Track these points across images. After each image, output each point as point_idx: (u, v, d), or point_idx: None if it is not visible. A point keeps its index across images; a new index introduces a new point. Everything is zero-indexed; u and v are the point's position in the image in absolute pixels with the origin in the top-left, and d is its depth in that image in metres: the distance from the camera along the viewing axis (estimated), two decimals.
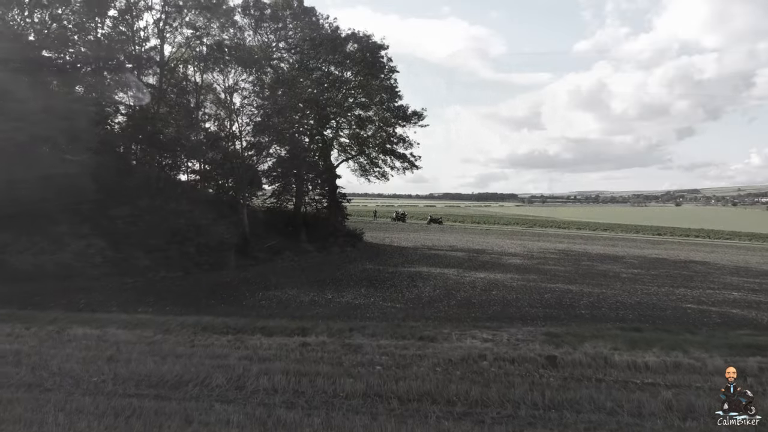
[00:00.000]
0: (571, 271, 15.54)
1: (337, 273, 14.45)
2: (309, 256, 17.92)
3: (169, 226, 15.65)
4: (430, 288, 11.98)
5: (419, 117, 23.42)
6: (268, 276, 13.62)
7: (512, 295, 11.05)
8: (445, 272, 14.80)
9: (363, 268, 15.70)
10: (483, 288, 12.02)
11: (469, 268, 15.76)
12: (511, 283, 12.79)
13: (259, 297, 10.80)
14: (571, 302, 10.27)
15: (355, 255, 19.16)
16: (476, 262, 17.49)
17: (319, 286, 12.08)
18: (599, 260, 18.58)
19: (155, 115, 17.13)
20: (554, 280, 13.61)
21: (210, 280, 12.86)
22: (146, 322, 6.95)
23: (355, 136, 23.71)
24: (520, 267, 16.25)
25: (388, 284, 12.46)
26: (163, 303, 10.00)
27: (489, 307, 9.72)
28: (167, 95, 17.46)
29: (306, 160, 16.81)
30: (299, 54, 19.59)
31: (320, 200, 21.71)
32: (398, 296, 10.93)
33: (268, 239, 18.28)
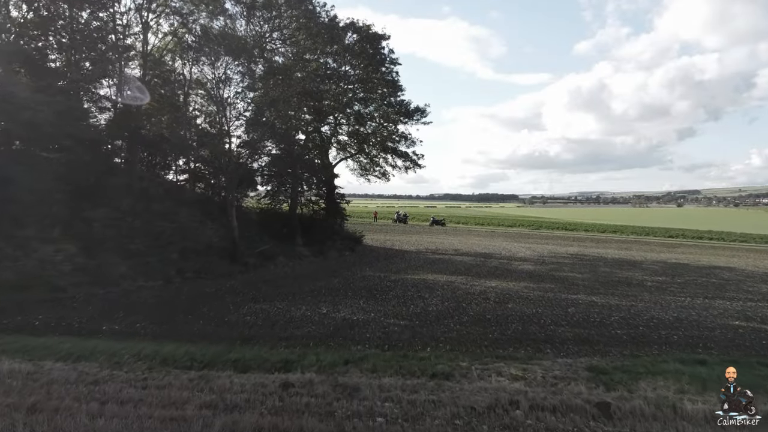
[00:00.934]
0: (589, 278, 14.24)
1: (333, 281, 13.17)
2: (304, 262, 16.64)
3: (151, 229, 14.40)
4: (437, 300, 10.68)
5: (422, 113, 22.14)
6: (258, 285, 12.33)
7: (531, 309, 9.75)
8: (453, 280, 13.51)
9: (362, 275, 14.42)
10: (497, 300, 10.72)
11: (477, 276, 14.47)
12: (527, 294, 11.48)
13: (245, 311, 9.50)
14: (600, 319, 8.96)
15: (354, 260, 17.88)
16: (485, 268, 16.19)
17: (313, 298, 10.80)
18: (617, 266, 17.27)
19: (139, 110, 15.88)
20: (573, 289, 12.31)
21: (192, 289, 11.57)
22: (95, 351, 5.65)
23: (354, 134, 22.44)
24: (533, 274, 14.95)
25: (390, 295, 11.17)
26: (133, 319, 8.72)
27: (508, 325, 8.41)
28: (152, 88, 16.19)
29: (301, 157, 15.51)
30: (295, 45, 18.32)
31: (317, 201, 20.44)
32: (402, 310, 9.63)
33: (261, 243, 17.01)
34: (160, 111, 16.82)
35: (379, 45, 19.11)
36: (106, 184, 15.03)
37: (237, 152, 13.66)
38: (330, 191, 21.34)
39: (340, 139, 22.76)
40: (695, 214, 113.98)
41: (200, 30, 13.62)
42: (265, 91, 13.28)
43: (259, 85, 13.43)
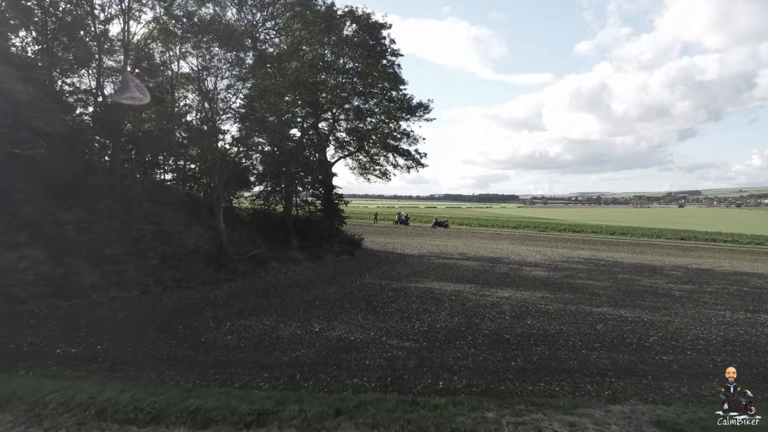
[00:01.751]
0: (610, 287, 13.00)
1: (330, 290, 11.95)
2: (299, 268, 15.41)
3: (130, 233, 13.18)
4: (445, 314, 9.45)
5: (425, 109, 20.95)
6: (245, 295, 11.11)
7: (554, 326, 8.52)
8: (461, 289, 12.28)
9: (362, 282, 13.20)
10: (513, 314, 9.49)
11: (487, 284, 13.24)
12: (546, 307, 10.25)
13: (226, 329, 8.28)
14: (637, 339, 7.73)
15: (353, 265, 16.65)
16: (494, 274, 14.95)
17: (305, 311, 9.57)
18: (636, 272, 16.03)
19: (121, 105, 14.65)
20: (596, 301, 11.07)
21: (171, 301, 10.35)
22: (15, 397, 4.41)
23: (353, 131, 21.22)
24: (547, 282, 13.72)
25: (392, 308, 9.94)
26: (95, 339, 7.50)
27: (531, 348, 7.18)
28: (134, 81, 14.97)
29: (296, 155, 14.28)
30: (289, 35, 17.10)
31: (313, 202, 19.22)
32: (406, 328, 8.40)
33: (253, 247, 15.78)
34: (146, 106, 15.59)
35: (380, 35, 17.90)
36: (83, 184, 13.88)
37: (223, 148, 12.42)
38: (327, 191, 20.12)
39: (338, 137, 21.56)
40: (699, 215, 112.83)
41: (185, 15, 12.39)
42: (256, 82, 12.07)
43: (249, 76, 12.22)
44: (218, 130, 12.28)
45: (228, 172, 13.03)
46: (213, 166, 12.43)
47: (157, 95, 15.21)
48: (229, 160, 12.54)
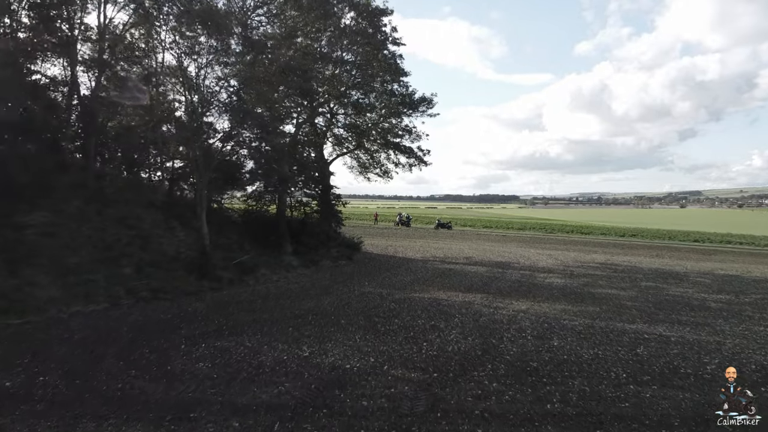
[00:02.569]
0: (637, 297, 11.70)
1: (324, 301, 10.66)
2: (292, 275, 14.10)
3: (103, 237, 11.88)
4: (457, 332, 8.15)
5: (429, 104, 19.66)
6: (229, 308, 9.82)
7: (587, 350, 7.21)
8: (471, 300, 10.99)
9: (361, 291, 11.91)
10: (535, 333, 8.18)
11: (500, 293, 11.94)
12: (572, 323, 8.95)
13: (199, 353, 6.98)
14: (693, 369, 6.41)
15: (352, 270, 15.37)
16: (505, 282, 13.66)
17: (295, 329, 8.28)
18: (660, 279, 14.73)
19: (96, 96, 13.37)
20: (626, 315, 9.77)
21: (142, 316, 9.05)
22: None
23: (352, 127, 19.93)
24: (566, 291, 12.42)
25: (395, 324, 8.64)
26: (41, 367, 6.21)
27: (566, 382, 5.87)
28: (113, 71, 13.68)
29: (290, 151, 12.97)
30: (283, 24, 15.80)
31: (309, 202, 17.92)
32: (412, 351, 7.10)
33: (241, 252, 14.49)
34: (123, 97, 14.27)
35: (380, 23, 16.60)
36: (52, 183, 12.59)
37: (206, 143, 11.11)
38: (324, 191, 18.84)
39: (336, 133, 20.28)
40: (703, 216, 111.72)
41: None
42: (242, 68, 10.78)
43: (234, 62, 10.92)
44: (201, 122, 10.98)
45: (212, 169, 11.73)
46: (194, 163, 11.15)
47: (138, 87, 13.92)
48: (212, 156, 11.23)
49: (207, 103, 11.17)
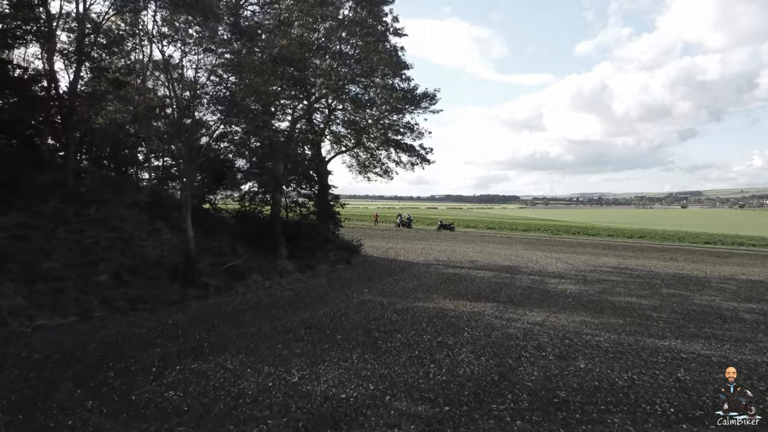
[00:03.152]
0: (661, 307, 10.73)
1: (320, 312, 9.71)
2: (286, 281, 13.15)
3: (80, 240, 10.95)
4: (468, 351, 7.20)
5: (431, 100, 18.72)
6: (213, 320, 8.86)
7: (619, 374, 6.25)
8: (481, 310, 10.03)
9: (360, 300, 10.96)
10: (557, 352, 7.22)
11: (511, 302, 10.99)
12: (596, 339, 7.98)
13: (171, 377, 6.03)
14: None
15: (351, 276, 14.42)
16: (516, 289, 12.70)
17: (285, 346, 7.33)
18: (681, 285, 13.76)
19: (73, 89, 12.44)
20: (654, 328, 8.80)
21: (115, 330, 8.09)
22: None
23: (351, 124, 18.99)
24: (582, 299, 11.46)
25: (397, 341, 7.69)
26: None
27: (603, 418, 4.91)
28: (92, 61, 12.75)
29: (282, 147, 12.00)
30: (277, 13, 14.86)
31: (305, 203, 16.97)
32: (418, 375, 6.15)
33: (232, 256, 13.55)
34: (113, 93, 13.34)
35: (381, 12, 15.65)
36: (28, 182, 11.67)
37: (190, 137, 10.15)
38: (322, 191, 17.90)
39: (334, 130, 19.34)
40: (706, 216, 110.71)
41: None
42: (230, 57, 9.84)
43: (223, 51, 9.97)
44: (185, 115, 10.02)
45: (199, 167, 10.78)
46: (178, 160, 10.21)
47: (118, 79, 12.99)
48: (198, 153, 10.27)
49: (193, 95, 10.22)
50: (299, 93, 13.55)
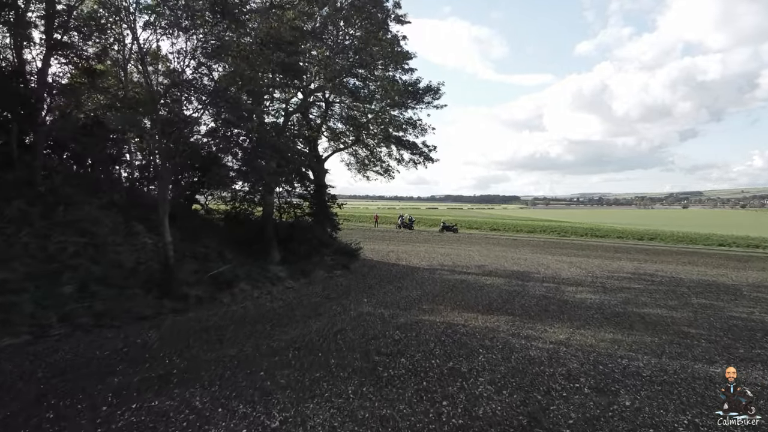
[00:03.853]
0: (695, 320, 9.56)
1: (312, 327, 8.55)
2: (278, 289, 11.98)
3: (45, 246, 9.78)
4: (486, 381, 6.03)
5: (434, 94, 17.58)
6: (188, 339, 7.70)
7: (677, 416, 5.07)
8: (495, 326, 8.86)
9: (357, 313, 9.80)
10: (592, 382, 6.04)
11: (527, 316, 9.82)
12: (633, 363, 6.81)
13: (126, 418, 4.88)
14: None
15: (349, 283, 13.26)
16: (530, 298, 11.53)
17: (267, 375, 6.16)
18: (710, 294, 12.58)
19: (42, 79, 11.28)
20: (698, 349, 7.63)
21: (72, 352, 6.93)
22: None
23: (350, 119, 17.84)
24: (605, 311, 10.28)
25: (401, 366, 6.52)
26: None
27: None
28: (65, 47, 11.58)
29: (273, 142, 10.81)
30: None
31: (300, 204, 15.81)
32: (427, 417, 4.99)
33: (220, 262, 12.40)
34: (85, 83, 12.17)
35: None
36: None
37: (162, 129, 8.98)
38: (319, 191, 16.75)
39: (331, 126, 18.19)
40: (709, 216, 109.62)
41: None
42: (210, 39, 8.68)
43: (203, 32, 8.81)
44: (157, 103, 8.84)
45: (177, 163, 9.61)
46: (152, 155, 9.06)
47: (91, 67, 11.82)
48: (175, 147, 9.11)
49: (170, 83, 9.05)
50: (290, 80, 12.37)
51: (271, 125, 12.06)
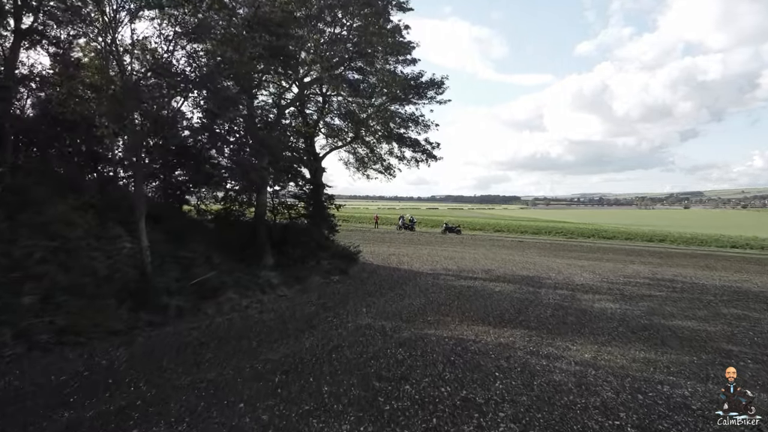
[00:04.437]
0: (733, 335, 8.57)
1: (305, 344, 7.57)
2: (269, 298, 11.00)
3: (9, 251, 8.78)
4: (507, 418, 5.05)
5: (438, 88, 16.61)
6: (162, 359, 6.73)
7: None
8: (510, 342, 7.88)
9: (356, 325, 8.83)
10: (635, 419, 5.05)
11: (544, 328, 8.85)
12: (677, 391, 5.82)
13: None
14: None
15: (346, 290, 12.29)
16: (545, 308, 10.55)
17: (249, 408, 5.19)
18: (740, 302, 11.59)
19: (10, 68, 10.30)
20: (744, 371, 6.65)
21: (20, 378, 5.95)
22: None
23: (349, 114, 16.86)
24: (630, 323, 9.30)
25: (405, 394, 5.55)
26: None
27: None
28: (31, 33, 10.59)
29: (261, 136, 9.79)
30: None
31: (295, 204, 14.83)
32: None
33: (207, 267, 11.41)
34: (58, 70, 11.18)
35: None
36: None
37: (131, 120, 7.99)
38: (315, 191, 15.77)
39: (329, 122, 17.22)
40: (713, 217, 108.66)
41: None
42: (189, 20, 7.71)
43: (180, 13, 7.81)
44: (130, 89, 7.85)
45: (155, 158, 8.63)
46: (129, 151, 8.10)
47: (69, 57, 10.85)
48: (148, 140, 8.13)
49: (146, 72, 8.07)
50: (280, 68, 11.31)
51: (262, 119, 11.04)
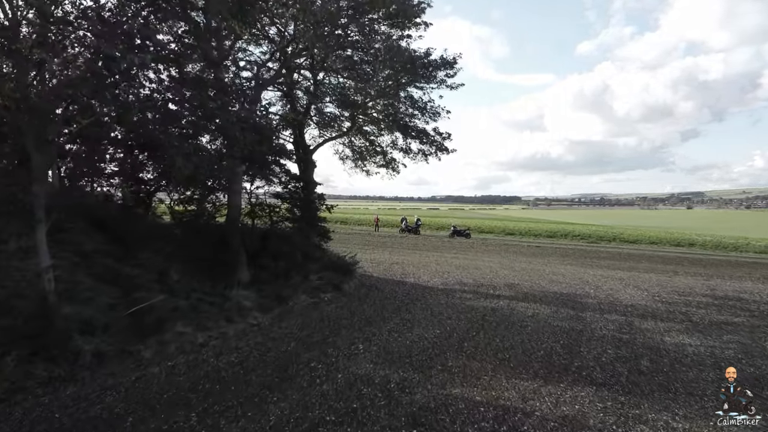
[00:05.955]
0: None
1: (266, 421, 4.93)
2: (236, 329, 8.35)
3: None
4: None
5: (450, 68, 14.03)
6: None
7: None
8: (577, 414, 5.24)
9: (348, 378, 6.19)
10: None
11: (616, 382, 6.22)
12: None
13: None
14: None
15: (339, 314, 9.66)
16: (603, 344, 7.92)
17: None
18: None
19: None
20: None
21: None
22: None
23: (343, 99, 14.24)
24: (746, 379, 6.69)
25: None
26: None
27: None
28: None
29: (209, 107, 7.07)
30: None
31: (278, 205, 12.17)
32: None
33: (159, 288, 8.79)
34: None
35: None
36: None
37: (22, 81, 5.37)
38: (305, 188, 13.16)
39: (321, 108, 14.60)
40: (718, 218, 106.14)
41: None
42: None
43: None
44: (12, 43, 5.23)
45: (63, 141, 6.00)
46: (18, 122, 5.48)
47: None
48: (51, 111, 5.53)
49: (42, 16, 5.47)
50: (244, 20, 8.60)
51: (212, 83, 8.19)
